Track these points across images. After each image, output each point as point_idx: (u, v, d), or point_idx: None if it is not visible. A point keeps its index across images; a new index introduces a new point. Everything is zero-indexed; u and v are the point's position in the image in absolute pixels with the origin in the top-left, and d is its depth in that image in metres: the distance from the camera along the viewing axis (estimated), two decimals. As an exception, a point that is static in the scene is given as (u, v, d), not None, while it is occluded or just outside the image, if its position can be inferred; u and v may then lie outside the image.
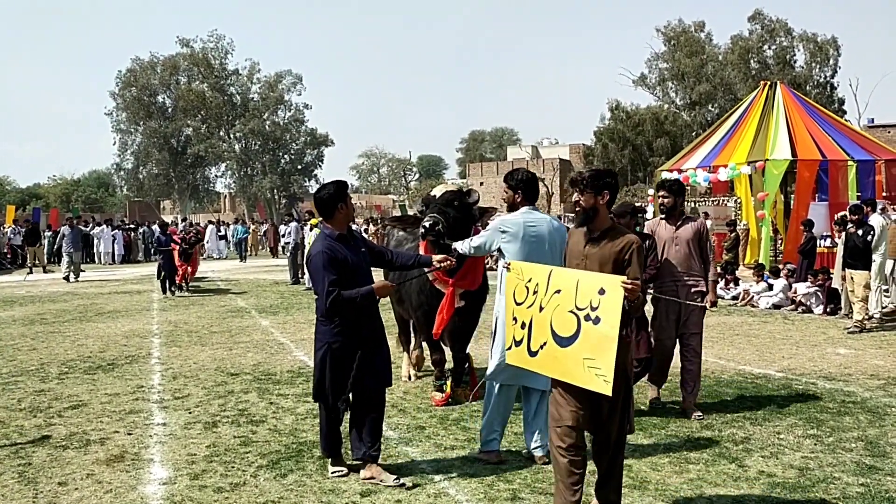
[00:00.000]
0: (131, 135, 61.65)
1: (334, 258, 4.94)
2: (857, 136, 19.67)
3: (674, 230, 6.76)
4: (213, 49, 61.29)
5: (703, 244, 6.79)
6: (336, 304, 4.89)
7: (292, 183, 63.17)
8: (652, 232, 6.91)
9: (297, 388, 7.79)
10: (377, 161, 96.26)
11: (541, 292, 4.24)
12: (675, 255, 6.72)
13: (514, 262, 4.65)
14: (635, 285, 3.86)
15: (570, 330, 4.01)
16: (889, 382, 7.74)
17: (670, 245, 6.74)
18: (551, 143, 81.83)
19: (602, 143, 58.03)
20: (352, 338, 5.03)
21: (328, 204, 5.10)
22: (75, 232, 22.87)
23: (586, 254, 4.25)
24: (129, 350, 10.23)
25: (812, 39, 51.81)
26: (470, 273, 6.56)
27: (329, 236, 5.09)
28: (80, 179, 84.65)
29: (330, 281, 4.88)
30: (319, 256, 4.96)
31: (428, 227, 6.30)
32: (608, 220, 4.29)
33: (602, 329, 3.84)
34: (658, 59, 56.48)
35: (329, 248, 4.98)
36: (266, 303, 15.65)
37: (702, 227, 6.87)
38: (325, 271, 4.91)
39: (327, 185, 5.24)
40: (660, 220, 7.00)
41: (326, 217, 5.15)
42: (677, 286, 6.68)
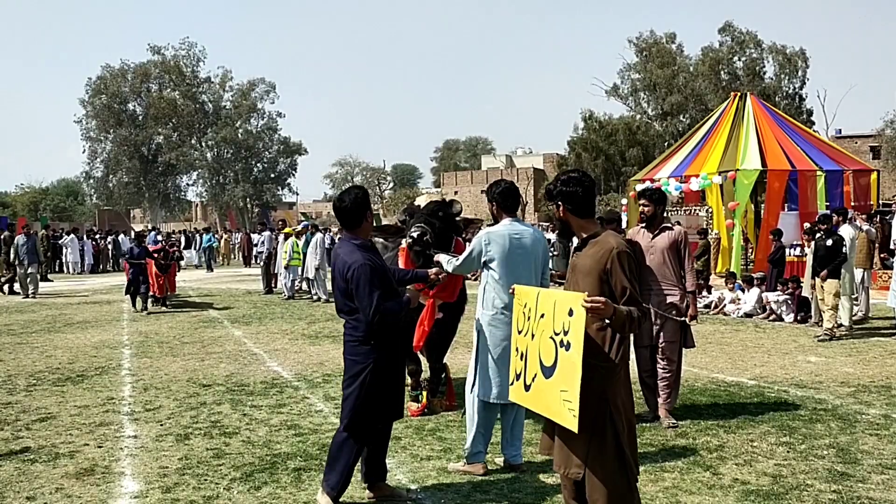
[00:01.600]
0: (101, 143, 61.06)
1: (377, 270, 4.59)
2: (825, 146, 19.99)
3: (651, 238, 6.79)
4: (185, 56, 61.06)
5: (681, 254, 6.79)
6: (384, 317, 4.54)
7: (265, 192, 62.90)
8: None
9: (271, 399, 7.72)
10: (351, 170, 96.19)
11: (533, 318, 3.80)
12: (651, 263, 6.73)
13: (517, 287, 4.19)
14: (595, 303, 3.36)
15: (552, 358, 3.58)
16: (859, 390, 7.84)
17: (647, 253, 6.75)
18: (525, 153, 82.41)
19: (575, 152, 58.49)
20: (393, 353, 4.75)
21: (355, 212, 4.69)
22: (31, 242, 19.87)
23: (573, 265, 3.86)
24: (98, 361, 10.07)
25: (781, 51, 52.74)
26: (449, 285, 6.55)
27: (361, 247, 4.67)
28: (49, 188, 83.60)
29: (378, 296, 4.50)
30: (364, 268, 4.52)
31: (416, 237, 6.22)
32: (588, 227, 3.81)
33: (570, 355, 3.43)
34: (630, 69, 57.19)
35: (370, 260, 4.59)
36: (239, 313, 15.51)
37: (679, 236, 6.85)
38: (371, 286, 4.50)
39: (350, 192, 4.78)
40: (640, 228, 6.99)
41: (351, 226, 4.74)
42: (651, 295, 6.68)
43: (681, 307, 6.73)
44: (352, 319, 4.66)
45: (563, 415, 3.47)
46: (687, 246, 6.91)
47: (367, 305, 4.49)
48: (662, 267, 6.73)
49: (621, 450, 3.57)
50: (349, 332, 4.70)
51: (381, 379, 4.65)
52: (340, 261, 4.65)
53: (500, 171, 75.94)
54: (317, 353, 10.27)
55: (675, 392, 6.81)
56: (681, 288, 6.75)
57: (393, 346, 4.75)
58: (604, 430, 3.57)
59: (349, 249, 4.65)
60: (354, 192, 4.77)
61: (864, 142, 53.20)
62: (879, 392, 7.72)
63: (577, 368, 3.37)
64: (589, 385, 3.50)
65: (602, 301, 3.38)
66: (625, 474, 3.57)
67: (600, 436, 3.57)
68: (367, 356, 4.63)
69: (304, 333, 12.25)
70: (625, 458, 3.57)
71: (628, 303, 3.56)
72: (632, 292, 3.58)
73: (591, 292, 3.57)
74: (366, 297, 4.50)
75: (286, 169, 64.89)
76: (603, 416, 3.57)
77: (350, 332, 4.70)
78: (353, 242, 4.68)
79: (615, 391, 3.61)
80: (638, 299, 3.59)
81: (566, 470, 3.65)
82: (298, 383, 8.45)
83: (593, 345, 3.59)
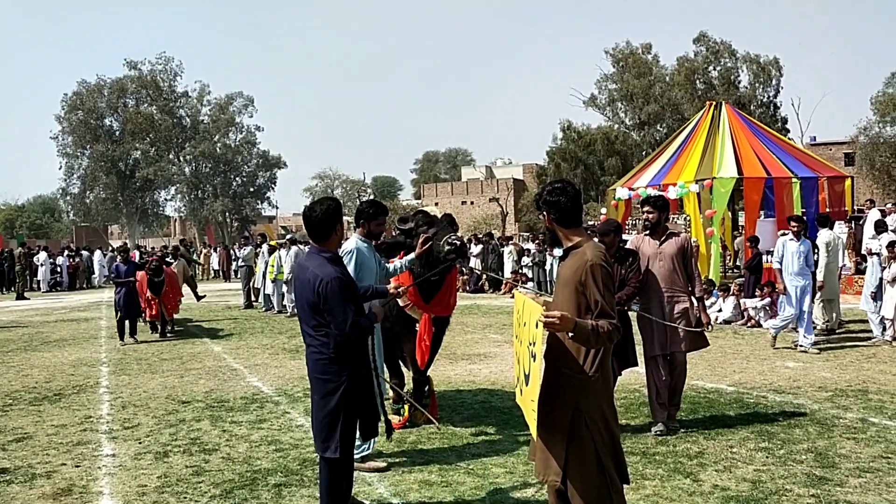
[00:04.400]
0: (78, 158, 60.46)
1: (348, 284, 4.46)
2: (800, 153, 20.22)
3: (658, 245, 6.68)
4: (162, 71, 60.60)
5: (688, 260, 6.71)
6: (362, 334, 4.42)
7: (244, 206, 62.51)
8: (636, 248, 6.80)
9: (251, 414, 7.67)
10: (331, 183, 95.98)
11: (521, 324, 3.86)
12: (658, 271, 6.62)
13: (516, 293, 4.20)
14: (550, 317, 3.37)
15: (528, 367, 3.64)
16: (836, 394, 7.92)
17: (654, 261, 6.65)
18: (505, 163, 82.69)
19: (555, 162, 58.77)
20: (365, 368, 4.64)
21: (324, 224, 4.49)
22: None
23: (558, 275, 3.86)
24: (76, 379, 9.96)
25: (755, 60, 53.29)
26: (445, 298, 6.54)
27: (331, 260, 4.49)
28: (25, 205, 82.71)
29: (352, 310, 4.36)
30: (337, 282, 4.34)
31: (459, 244, 6.24)
32: (572, 237, 3.80)
33: (536, 366, 3.49)
34: (607, 80, 57.50)
35: (342, 273, 4.45)
36: (218, 327, 15.40)
37: (686, 242, 6.77)
38: (344, 299, 4.34)
39: (322, 202, 4.57)
40: (644, 235, 6.89)
41: (320, 238, 4.53)
42: (661, 302, 6.60)
43: (691, 314, 6.64)
44: (319, 336, 4.43)
45: (532, 422, 3.55)
46: (693, 252, 6.83)
47: (343, 320, 4.30)
48: (672, 274, 6.63)
49: (600, 459, 3.58)
50: (318, 349, 4.45)
51: (359, 394, 4.48)
52: (310, 273, 4.41)
53: (480, 182, 76.18)
54: (297, 368, 10.22)
55: (677, 398, 6.77)
56: (690, 295, 6.67)
57: (364, 362, 4.63)
58: (580, 440, 3.59)
59: (319, 262, 4.44)
60: (327, 202, 4.57)
61: (839, 149, 53.88)
62: (856, 396, 7.80)
63: (538, 379, 3.45)
64: (563, 396, 3.60)
65: (557, 316, 3.38)
66: (604, 484, 3.58)
67: (577, 445, 3.59)
68: (339, 374, 4.40)
69: (284, 348, 12.19)
70: (604, 468, 3.58)
71: (600, 316, 3.56)
72: (603, 305, 3.57)
73: (568, 303, 3.62)
74: (340, 311, 4.31)
75: (265, 182, 64.55)
76: (578, 426, 3.59)
77: (319, 348, 4.44)
78: (322, 255, 4.48)
79: (591, 402, 3.61)
80: (611, 313, 3.58)
81: (545, 477, 3.67)
82: (279, 398, 8.40)
83: (568, 356, 3.64)
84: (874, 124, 47.10)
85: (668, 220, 6.95)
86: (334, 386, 4.40)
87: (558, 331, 3.47)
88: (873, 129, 47.13)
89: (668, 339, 6.63)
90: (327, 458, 4.44)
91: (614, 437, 3.69)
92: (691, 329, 6.59)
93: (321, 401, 4.46)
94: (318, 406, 4.49)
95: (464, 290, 21.39)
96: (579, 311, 3.59)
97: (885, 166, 46.47)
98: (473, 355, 11.01)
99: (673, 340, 6.63)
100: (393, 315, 6.60)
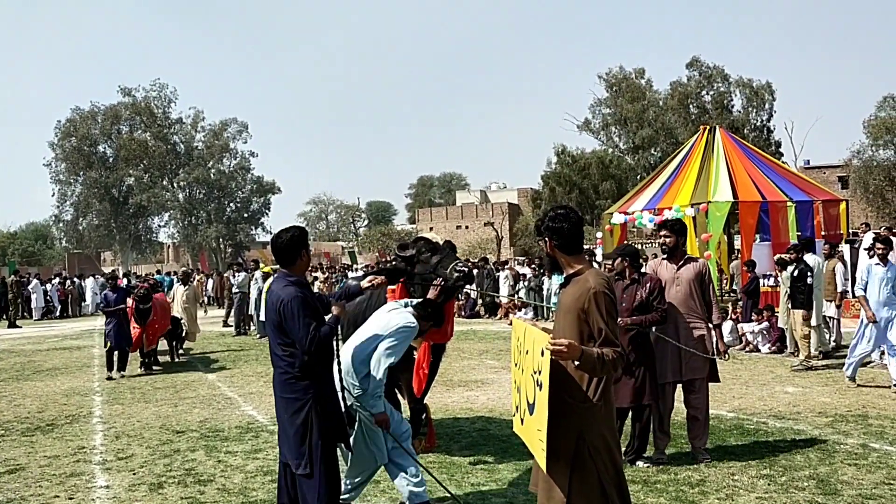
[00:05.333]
0: (71, 185, 60.37)
1: (309, 302, 4.59)
2: (794, 177, 20.30)
3: (675, 270, 6.56)
4: (157, 98, 60.75)
5: (706, 286, 6.58)
6: (321, 344, 4.51)
7: (238, 231, 62.43)
8: (654, 272, 6.65)
9: (247, 444, 7.57)
10: (325, 208, 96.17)
11: (522, 352, 3.83)
12: (675, 296, 6.49)
13: (514, 320, 4.22)
14: (558, 345, 3.34)
15: (532, 396, 3.58)
16: (836, 419, 7.86)
17: (671, 285, 6.51)
18: (499, 188, 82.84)
19: (549, 186, 58.88)
20: (331, 385, 4.73)
21: (290, 250, 4.69)
22: None
23: (559, 303, 3.85)
24: (69, 409, 9.84)
25: (748, 85, 53.71)
26: (444, 325, 6.44)
27: (295, 283, 4.66)
28: (17, 232, 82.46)
29: (313, 325, 4.49)
30: (296, 301, 4.52)
31: (467, 271, 6.24)
32: (574, 264, 3.79)
33: (543, 395, 3.43)
34: (601, 104, 57.83)
35: (302, 293, 4.59)
36: (212, 355, 15.28)
37: (703, 268, 6.66)
38: (304, 315, 4.49)
39: (288, 230, 4.78)
40: (661, 260, 6.75)
41: (287, 264, 4.74)
42: (678, 328, 6.45)
43: (708, 341, 6.52)
44: (286, 356, 4.59)
45: (538, 452, 3.48)
46: (711, 278, 6.70)
47: (304, 335, 4.46)
48: (689, 299, 6.50)
49: (603, 488, 3.55)
50: (284, 369, 4.60)
51: (323, 410, 4.58)
52: (274, 295, 4.65)
53: (474, 206, 76.31)
54: (293, 395, 10.11)
55: (706, 427, 6.61)
56: (707, 321, 6.54)
57: (329, 374, 4.72)
58: (583, 468, 3.55)
59: (283, 284, 4.67)
60: (292, 230, 4.78)
61: (832, 172, 54.14)
62: (857, 421, 7.75)
63: (545, 408, 3.38)
64: (567, 424, 3.55)
65: (565, 344, 3.36)
66: None
67: (580, 474, 3.55)
68: (305, 391, 4.54)
69: (279, 375, 12.06)
70: (607, 497, 3.55)
71: (604, 344, 3.53)
72: (607, 333, 3.55)
73: (570, 331, 3.59)
74: (301, 327, 4.48)
75: (260, 208, 64.51)
76: (581, 455, 3.55)
77: (285, 368, 4.59)
78: (288, 279, 4.69)
79: (594, 430, 3.59)
80: (615, 341, 3.56)
81: None
82: (274, 427, 8.24)
83: (572, 383, 3.60)
84: (867, 148, 47.47)
85: (685, 244, 6.82)
86: (301, 404, 4.54)
87: (565, 359, 3.44)
88: (866, 152, 47.48)
89: (682, 366, 6.48)
90: (300, 474, 4.56)
91: (617, 465, 3.65)
92: (708, 356, 6.45)
93: (290, 419, 4.58)
94: (287, 424, 4.62)
95: (459, 316, 21.32)
96: (582, 338, 3.56)
97: (878, 189, 46.72)
98: (470, 382, 10.93)
99: (691, 367, 6.47)
100: None
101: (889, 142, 46.52)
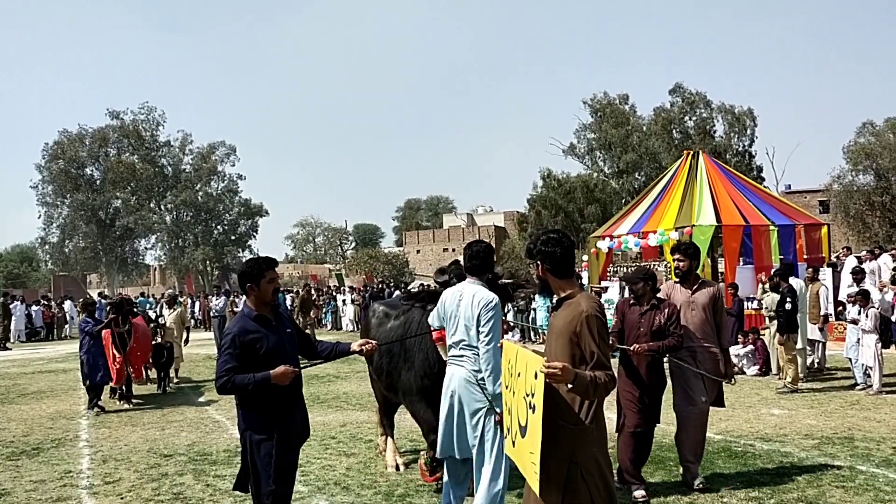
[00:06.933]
0: (57, 207, 60.27)
1: (241, 340, 4.54)
2: (776, 201, 20.51)
3: (689, 294, 6.42)
4: (145, 121, 60.88)
5: (719, 310, 6.44)
6: (225, 390, 4.49)
7: (225, 254, 62.29)
8: (667, 296, 6.51)
9: (235, 468, 7.50)
10: (313, 230, 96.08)
11: (513, 375, 3.85)
12: (691, 321, 6.34)
13: (504, 342, 4.17)
14: (552, 369, 3.35)
15: (525, 418, 3.58)
16: (823, 442, 7.93)
17: (686, 310, 6.36)
18: (486, 211, 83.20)
19: (535, 210, 59.15)
20: (265, 428, 4.56)
21: (240, 282, 4.81)
22: None
23: (550, 325, 3.86)
24: (55, 433, 9.77)
25: (730, 111, 54.36)
26: None
27: (247, 315, 4.68)
28: (3, 254, 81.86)
29: (227, 367, 4.46)
30: (228, 337, 4.60)
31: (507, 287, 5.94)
32: (565, 287, 3.82)
33: (536, 418, 3.41)
34: (586, 129, 58.32)
35: (242, 330, 4.58)
36: (199, 378, 15.20)
37: (718, 292, 6.53)
38: (226, 353, 4.51)
39: (245, 262, 4.87)
40: (674, 283, 6.63)
41: (244, 293, 4.81)
42: (694, 354, 6.32)
43: (723, 365, 6.41)
44: None
45: (530, 475, 3.48)
46: (724, 303, 6.59)
47: (217, 370, 4.53)
48: (705, 325, 6.36)
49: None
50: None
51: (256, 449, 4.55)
52: None
53: (461, 229, 76.53)
54: (281, 419, 10.08)
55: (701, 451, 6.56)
56: (720, 346, 6.44)
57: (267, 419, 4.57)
58: (576, 491, 3.57)
59: (237, 316, 4.82)
60: (246, 263, 4.85)
61: (813, 196, 54.68)
62: (843, 444, 7.82)
63: (538, 431, 3.37)
64: (559, 446, 3.56)
65: (559, 367, 3.38)
66: None
67: (572, 497, 3.57)
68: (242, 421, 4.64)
69: (267, 398, 12.00)
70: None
71: (596, 367, 3.56)
72: (599, 357, 3.59)
73: (562, 354, 3.62)
74: (219, 360, 4.56)
75: (247, 231, 64.49)
76: (574, 477, 3.57)
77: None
78: (243, 310, 4.78)
79: (586, 453, 3.61)
80: (606, 364, 3.59)
81: None
82: (263, 451, 8.26)
83: (564, 406, 3.62)
84: (847, 173, 47.97)
85: (698, 267, 6.68)
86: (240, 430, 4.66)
87: (559, 382, 3.46)
88: (846, 177, 47.98)
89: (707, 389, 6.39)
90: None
91: (609, 487, 3.68)
92: (716, 378, 6.36)
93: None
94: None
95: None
96: (573, 361, 3.59)
97: (859, 214, 47.19)
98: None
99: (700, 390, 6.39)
100: (434, 372, 6.06)
101: (868, 167, 47.07)
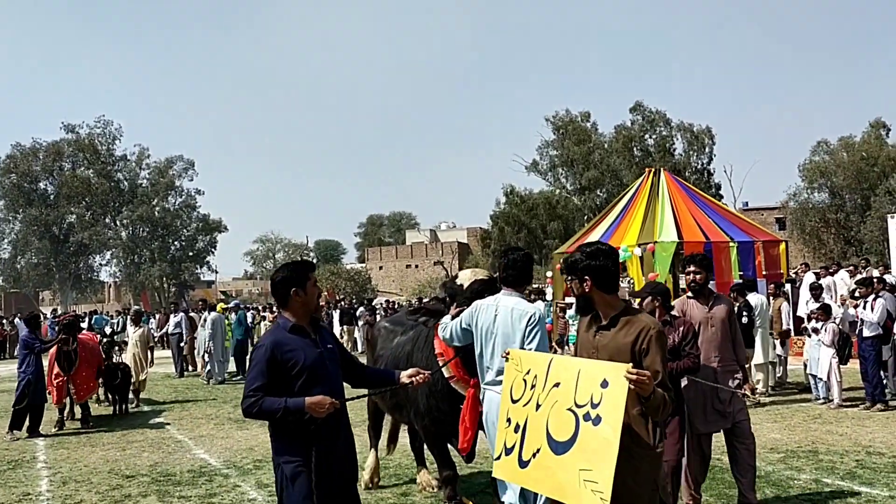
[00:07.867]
0: (9, 223, 58.92)
1: (274, 358, 3.96)
2: (735, 218, 20.82)
3: (707, 310, 6.03)
4: (101, 135, 59.88)
5: (735, 324, 6.12)
6: (251, 414, 3.94)
7: (183, 270, 61.35)
8: (683, 313, 6.08)
9: (200, 488, 7.38)
10: (273, 247, 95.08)
11: (539, 386, 3.49)
12: (712, 339, 5.95)
13: (514, 351, 3.89)
14: (641, 376, 3.16)
15: (568, 433, 3.25)
16: (788, 455, 8.02)
17: (705, 327, 5.96)
18: (449, 227, 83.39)
19: (498, 226, 59.53)
20: (303, 462, 3.94)
21: (280, 289, 4.13)
22: None
23: (596, 345, 3.59)
24: (11, 454, 9.47)
25: (689, 129, 55.42)
26: None
27: (283, 327, 4.11)
28: (-49, 270, 79.58)
29: (256, 385, 3.92)
30: (260, 350, 4.02)
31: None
32: (616, 303, 3.61)
33: (602, 431, 3.11)
34: (548, 146, 58.92)
35: (276, 343, 4.00)
36: (159, 397, 14.89)
37: (732, 305, 6.28)
38: (256, 370, 3.97)
39: (283, 267, 4.26)
40: (687, 298, 6.22)
41: (281, 304, 4.18)
42: (716, 373, 5.88)
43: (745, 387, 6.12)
44: None
45: (581, 497, 3.14)
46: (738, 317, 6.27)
47: (245, 388, 3.98)
48: (724, 342, 5.98)
49: None
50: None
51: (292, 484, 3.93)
52: None
53: (424, 245, 76.52)
54: (245, 438, 9.92)
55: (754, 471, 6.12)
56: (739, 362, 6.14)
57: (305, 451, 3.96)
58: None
59: (271, 328, 4.32)
60: (285, 268, 4.26)
61: (770, 213, 55.86)
62: (808, 457, 7.92)
63: (611, 446, 3.08)
64: (639, 471, 3.36)
65: (648, 375, 3.20)
66: None
67: None
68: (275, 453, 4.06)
69: (230, 417, 11.82)
70: None
71: (660, 387, 3.37)
72: (664, 377, 3.42)
73: None
74: (248, 378, 4.06)
75: (205, 247, 63.65)
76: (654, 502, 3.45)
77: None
78: (279, 322, 4.21)
79: (659, 476, 3.54)
80: (669, 385, 3.43)
81: None
82: (228, 471, 8.12)
83: (639, 430, 3.42)
84: (803, 190, 49.17)
85: (708, 282, 6.29)
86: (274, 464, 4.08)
87: (643, 393, 3.24)
88: (802, 194, 49.17)
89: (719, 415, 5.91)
90: None
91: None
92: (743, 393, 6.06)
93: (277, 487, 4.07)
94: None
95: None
96: None
97: (814, 230, 48.31)
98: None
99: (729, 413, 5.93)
100: (438, 390, 5.72)
101: (823, 185, 48.32)
